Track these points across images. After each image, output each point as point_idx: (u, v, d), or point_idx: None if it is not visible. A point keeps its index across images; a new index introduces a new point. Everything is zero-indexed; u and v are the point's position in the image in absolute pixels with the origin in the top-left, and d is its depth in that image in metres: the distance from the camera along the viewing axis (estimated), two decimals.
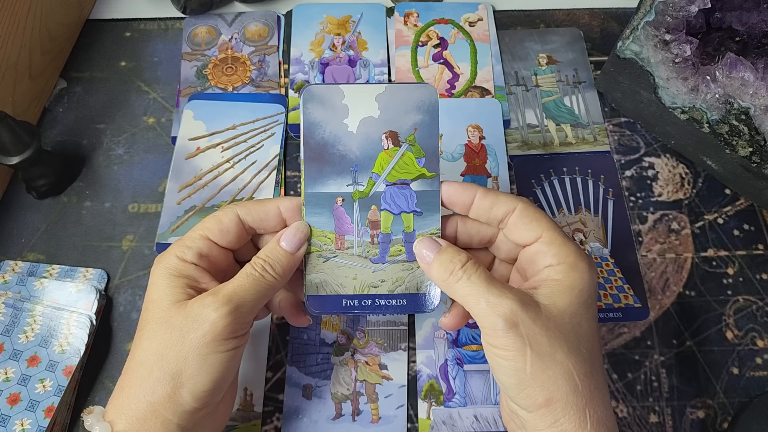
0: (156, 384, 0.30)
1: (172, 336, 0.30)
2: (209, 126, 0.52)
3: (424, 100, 0.35)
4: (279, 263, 0.33)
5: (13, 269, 0.46)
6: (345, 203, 0.35)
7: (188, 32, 0.58)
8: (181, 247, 0.33)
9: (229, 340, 0.31)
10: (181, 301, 0.31)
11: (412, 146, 0.35)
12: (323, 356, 0.44)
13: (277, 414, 0.42)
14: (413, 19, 0.58)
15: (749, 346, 0.45)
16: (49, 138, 0.53)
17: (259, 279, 0.32)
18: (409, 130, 0.35)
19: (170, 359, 0.30)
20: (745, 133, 0.43)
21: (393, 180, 0.35)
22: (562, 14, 0.60)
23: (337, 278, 0.35)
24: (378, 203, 0.35)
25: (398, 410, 0.42)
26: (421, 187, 0.35)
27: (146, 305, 0.32)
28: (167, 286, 0.32)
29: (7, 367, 0.41)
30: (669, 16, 0.45)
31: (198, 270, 0.33)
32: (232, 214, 0.34)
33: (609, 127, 0.53)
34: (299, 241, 0.34)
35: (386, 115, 0.35)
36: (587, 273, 0.31)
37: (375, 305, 0.35)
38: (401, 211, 0.35)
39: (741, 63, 0.43)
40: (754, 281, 0.47)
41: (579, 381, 0.29)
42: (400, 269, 0.35)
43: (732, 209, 0.50)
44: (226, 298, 0.31)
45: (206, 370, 0.30)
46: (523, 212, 0.32)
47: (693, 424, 0.42)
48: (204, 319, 0.30)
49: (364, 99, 0.35)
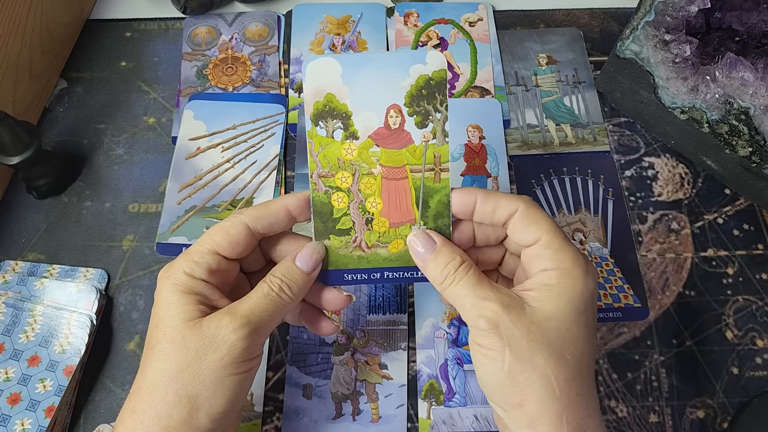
0: (171, 407, 0.29)
1: (187, 357, 0.29)
2: (209, 126, 0.52)
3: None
4: (296, 283, 0.32)
5: (14, 269, 0.46)
6: None
7: (188, 32, 0.58)
8: (189, 263, 0.31)
9: (245, 362, 0.30)
10: (194, 319, 0.30)
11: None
12: (323, 356, 0.44)
13: (278, 414, 0.42)
14: (413, 19, 0.58)
15: (749, 346, 0.45)
16: (49, 138, 0.53)
17: (275, 300, 0.31)
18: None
19: (186, 382, 0.29)
20: (745, 133, 0.43)
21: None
22: (562, 14, 0.60)
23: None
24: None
25: (398, 410, 0.42)
26: None
27: (155, 323, 0.31)
28: (178, 303, 0.30)
29: (7, 367, 0.41)
30: (669, 16, 0.45)
31: (209, 287, 0.31)
32: (240, 225, 0.32)
33: (609, 127, 0.53)
34: (315, 263, 0.33)
35: None
36: (582, 279, 0.30)
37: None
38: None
39: (741, 63, 0.43)
40: (753, 281, 0.47)
41: (557, 386, 0.29)
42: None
43: (732, 209, 0.50)
44: (245, 320, 0.30)
45: (223, 392, 0.30)
46: (524, 214, 0.32)
47: (693, 424, 0.42)
48: (222, 342, 0.29)
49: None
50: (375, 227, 0.35)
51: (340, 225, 0.35)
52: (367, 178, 0.34)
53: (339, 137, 0.34)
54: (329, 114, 0.33)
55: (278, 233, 0.35)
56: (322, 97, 0.33)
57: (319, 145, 0.34)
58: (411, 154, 0.34)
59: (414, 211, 0.34)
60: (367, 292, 0.46)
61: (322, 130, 0.33)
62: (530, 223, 0.32)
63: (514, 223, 0.32)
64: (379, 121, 0.34)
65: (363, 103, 0.33)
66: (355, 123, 0.34)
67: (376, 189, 0.34)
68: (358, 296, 0.46)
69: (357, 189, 0.34)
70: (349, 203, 0.34)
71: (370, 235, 0.35)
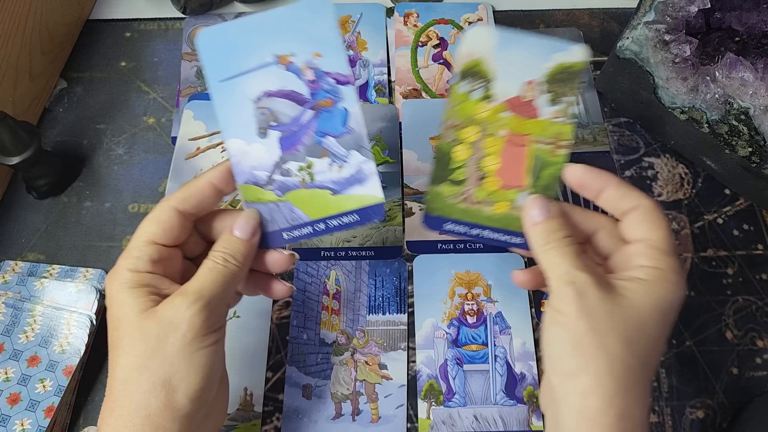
0: (148, 396, 0.29)
1: (150, 345, 0.29)
2: (209, 126, 0.52)
3: (387, 113, 0.53)
4: (239, 252, 0.33)
5: (14, 269, 0.46)
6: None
7: (188, 32, 0.58)
8: (130, 259, 0.32)
9: (209, 335, 0.31)
10: (148, 309, 0.30)
11: (378, 142, 0.51)
12: (323, 356, 0.44)
13: (277, 414, 0.42)
14: (413, 20, 0.59)
15: (749, 346, 0.45)
16: (49, 138, 0.53)
17: (222, 270, 0.32)
18: (377, 132, 0.52)
19: (155, 368, 0.29)
20: (745, 133, 0.43)
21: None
22: (561, 14, 0.60)
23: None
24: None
25: (398, 410, 0.42)
26: (385, 169, 0.50)
27: (112, 324, 0.31)
28: (129, 299, 0.31)
29: (7, 367, 0.41)
30: (669, 16, 0.45)
31: (156, 277, 0.32)
32: (168, 209, 0.33)
33: (609, 127, 0.53)
34: (252, 228, 0.34)
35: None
36: (675, 286, 0.31)
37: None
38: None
39: (740, 63, 0.43)
40: (753, 281, 0.47)
41: (620, 369, 0.29)
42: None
43: (731, 209, 0.50)
44: (197, 295, 0.30)
45: (195, 368, 0.30)
46: (649, 210, 0.33)
47: (693, 424, 0.42)
48: (180, 320, 0.30)
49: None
50: (486, 185, 0.37)
51: (455, 176, 0.37)
52: (492, 138, 0.37)
53: (477, 96, 0.36)
54: (475, 74, 0.36)
55: (211, 213, 0.35)
56: (474, 59, 0.36)
57: (458, 99, 0.36)
58: (536, 125, 0.36)
59: (526, 178, 0.36)
60: (367, 293, 0.46)
61: (465, 86, 0.36)
62: (652, 221, 0.32)
63: (635, 216, 0.33)
64: (516, 91, 0.36)
65: (506, 72, 0.36)
66: (494, 87, 0.36)
67: (497, 149, 0.37)
68: (358, 297, 0.46)
69: (480, 145, 0.37)
70: (469, 157, 0.37)
71: (480, 191, 0.37)
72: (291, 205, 0.34)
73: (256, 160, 0.34)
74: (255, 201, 0.34)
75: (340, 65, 0.34)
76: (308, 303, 0.45)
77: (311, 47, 0.33)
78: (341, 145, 0.34)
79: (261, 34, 0.33)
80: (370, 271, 0.47)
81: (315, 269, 0.47)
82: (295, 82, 0.34)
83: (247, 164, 0.34)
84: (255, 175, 0.34)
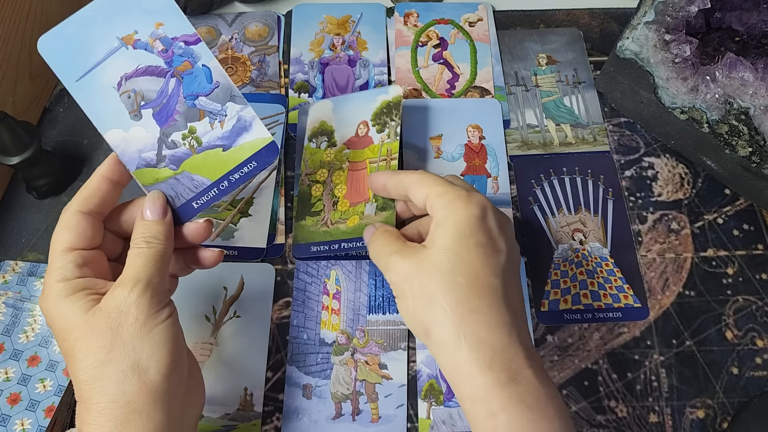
0: (122, 384, 0.29)
1: (106, 339, 0.30)
2: None
3: None
4: (158, 232, 0.33)
5: (14, 269, 0.46)
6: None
7: None
8: (54, 272, 0.31)
9: (159, 312, 0.31)
10: (92, 308, 0.30)
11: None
12: (323, 356, 0.44)
13: (277, 414, 0.42)
14: (413, 20, 0.59)
15: (749, 346, 0.45)
16: (49, 138, 0.53)
17: (148, 252, 0.32)
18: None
19: (119, 357, 0.29)
20: (745, 133, 0.43)
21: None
22: (561, 14, 0.60)
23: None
24: None
25: (398, 410, 0.42)
26: None
27: (60, 337, 0.31)
28: (68, 306, 0.30)
29: (7, 367, 0.41)
30: (669, 16, 0.45)
31: (88, 280, 0.32)
32: (73, 214, 0.33)
33: (609, 127, 0.53)
34: (162, 207, 0.34)
35: None
36: (463, 209, 0.34)
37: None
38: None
39: (741, 63, 0.43)
40: (753, 281, 0.47)
41: (448, 307, 0.32)
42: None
43: (732, 209, 0.50)
44: (134, 279, 0.31)
45: (158, 344, 0.30)
46: (417, 180, 0.36)
47: (693, 424, 0.42)
48: (128, 306, 0.30)
49: None
50: (339, 207, 0.45)
51: (314, 208, 0.46)
52: (338, 172, 0.47)
53: (324, 147, 0.48)
54: (320, 133, 0.49)
55: (116, 209, 0.35)
56: (318, 124, 0.49)
57: (310, 154, 0.48)
58: (370, 151, 0.46)
59: (368, 192, 0.44)
60: (367, 293, 0.46)
61: (313, 144, 0.49)
62: (420, 185, 0.36)
63: (411, 191, 0.37)
64: (352, 133, 0.47)
65: (342, 123, 0.48)
66: (335, 136, 0.48)
67: (343, 178, 0.46)
68: (358, 297, 0.46)
69: (330, 180, 0.46)
70: (323, 192, 0.46)
71: (335, 213, 0.45)
72: (189, 174, 0.35)
73: (140, 143, 0.35)
74: (154, 182, 0.35)
75: (184, 27, 0.34)
76: (308, 303, 0.45)
77: (151, 19, 0.34)
78: (214, 101, 0.35)
79: (99, 23, 0.34)
80: (370, 270, 0.47)
81: (315, 269, 0.47)
82: (148, 57, 0.34)
83: (133, 150, 0.35)
84: (144, 157, 0.35)
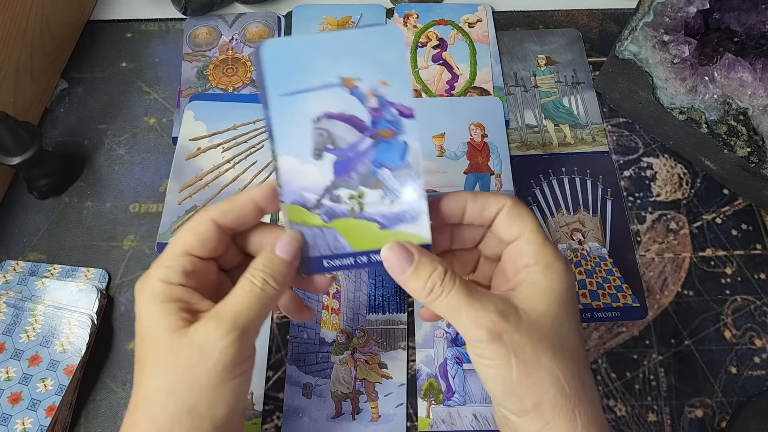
0: (173, 420, 0.28)
1: (180, 369, 0.29)
2: (210, 126, 0.52)
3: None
4: (279, 273, 0.31)
5: (15, 269, 0.46)
6: None
7: (189, 33, 0.58)
8: (162, 269, 0.30)
9: (239, 365, 0.30)
10: (180, 329, 0.29)
11: None
12: (323, 355, 0.44)
13: (278, 413, 0.42)
14: (413, 20, 0.59)
15: (747, 346, 0.45)
16: (50, 138, 0.53)
17: (260, 294, 0.30)
18: None
19: (182, 394, 0.29)
20: (743, 134, 0.44)
21: None
22: (561, 15, 0.60)
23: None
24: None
25: (398, 409, 0.42)
26: None
27: (141, 336, 0.30)
28: (160, 314, 0.29)
29: (8, 367, 0.41)
30: (667, 16, 0.45)
31: (187, 291, 0.31)
32: (207, 221, 0.31)
33: (607, 128, 0.54)
34: (295, 250, 0.32)
35: None
36: (564, 273, 0.31)
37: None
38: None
39: (739, 63, 0.43)
40: (752, 281, 0.47)
41: (566, 383, 0.29)
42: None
43: (730, 209, 0.50)
44: (231, 323, 0.29)
45: (222, 399, 0.29)
46: (510, 209, 0.32)
47: (691, 423, 0.42)
48: (212, 350, 0.29)
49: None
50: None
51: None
52: None
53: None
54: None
55: (251, 226, 0.34)
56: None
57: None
58: None
59: None
60: (367, 292, 0.46)
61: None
62: (515, 218, 0.32)
63: (500, 219, 0.33)
64: None
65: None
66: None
67: None
68: (358, 296, 0.46)
69: None
70: None
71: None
72: (336, 233, 0.33)
73: (308, 181, 0.32)
74: (300, 223, 0.33)
75: (406, 97, 0.32)
76: (308, 302, 0.46)
77: (378, 75, 0.32)
78: (396, 179, 0.33)
79: (328, 54, 0.32)
80: (370, 270, 0.47)
81: None
82: (358, 108, 0.32)
83: (298, 184, 0.32)
84: (304, 196, 0.32)
